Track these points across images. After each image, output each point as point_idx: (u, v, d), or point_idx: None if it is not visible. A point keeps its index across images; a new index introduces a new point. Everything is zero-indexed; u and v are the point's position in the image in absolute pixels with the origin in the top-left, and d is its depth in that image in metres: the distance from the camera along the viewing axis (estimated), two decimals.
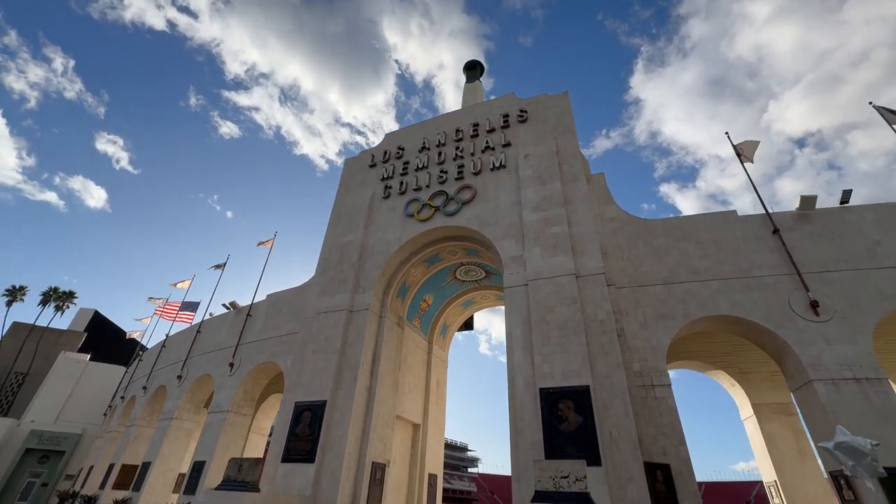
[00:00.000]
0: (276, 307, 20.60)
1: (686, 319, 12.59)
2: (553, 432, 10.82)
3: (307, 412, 14.31)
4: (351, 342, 15.67)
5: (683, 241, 13.96)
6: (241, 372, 19.35)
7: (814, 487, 13.09)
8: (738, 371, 15.46)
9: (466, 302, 22.00)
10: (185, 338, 25.14)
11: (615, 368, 11.42)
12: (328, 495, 12.64)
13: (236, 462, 11.65)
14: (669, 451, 10.91)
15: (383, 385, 15.59)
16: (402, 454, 17.30)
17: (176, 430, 20.96)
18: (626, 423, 10.60)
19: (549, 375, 11.70)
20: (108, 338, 53.27)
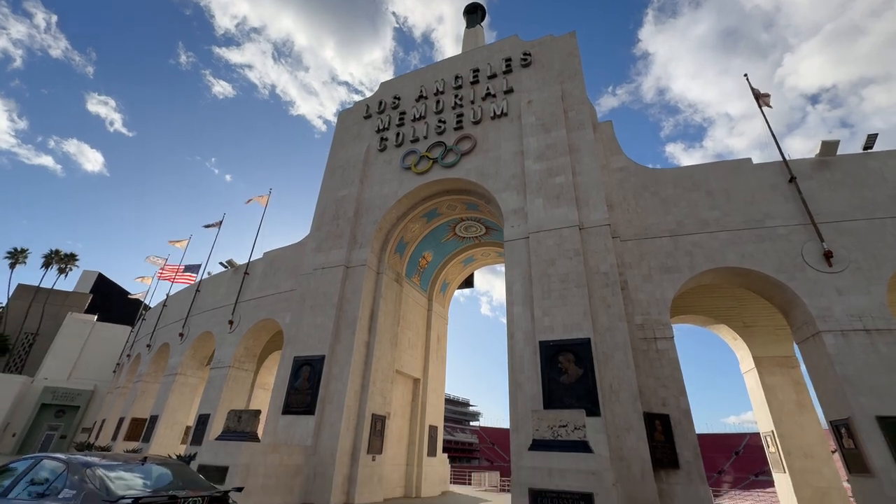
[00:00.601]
0: (273, 265, 20.31)
1: (692, 272, 12.17)
2: (552, 384, 10.69)
3: (306, 366, 14.30)
4: (348, 298, 15.44)
5: (693, 192, 13.29)
6: (241, 329, 19.35)
7: (810, 437, 13.20)
8: (741, 325, 15.26)
9: (467, 259, 21.64)
10: (186, 297, 25.13)
11: (617, 321, 11.13)
12: (328, 445, 12.81)
13: (235, 413, 11.68)
14: (669, 402, 10.81)
15: (382, 340, 15.51)
16: (403, 407, 17.55)
17: (181, 385, 21.33)
18: (627, 374, 10.44)
19: (549, 329, 11.45)
20: (113, 299, 53.88)
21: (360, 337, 14.68)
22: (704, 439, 68.70)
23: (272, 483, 11.12)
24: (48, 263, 50.77)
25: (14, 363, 45.15)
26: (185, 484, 4.10)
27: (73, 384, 38.53)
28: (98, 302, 53.91)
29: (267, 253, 21.13)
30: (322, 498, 12.06)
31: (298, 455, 12.25)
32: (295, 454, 12.16)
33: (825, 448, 13.14)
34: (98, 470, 3.72)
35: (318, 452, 12.83)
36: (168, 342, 23.92)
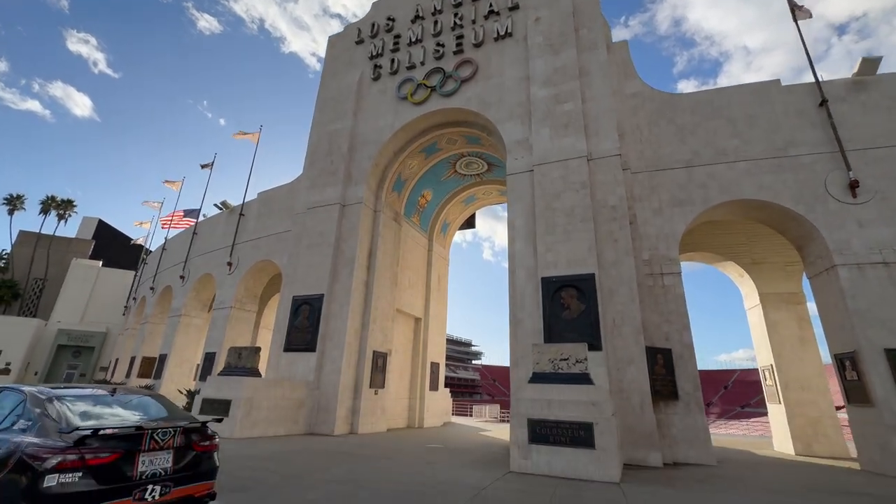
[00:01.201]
0: (268, 205, 19.70)
1: (705, 205, 11.51)
2: (553, 320, 10.49)
3: (305, 305, 14.19)
4: (345, 237, 14.98)
5: (712, 118, 12.26)
6: (240, 270, 19.18)
7: (809, 370, 13.27)
8: (749, 261, 14.84)
9: (468, 198, 20.90)
10: (184, 240, 24.82)
11: (624, 256, 10.68)
12: (330, 380, 13.00)
13: (236, 350, 11.69)
14: (672, 337, 10.66)
15: (381, 279, 15.28)
16: (404, 344, 17.77)
17: (186, 325, 21.63)
18: (631, 309, 10.17)
19: (552, 265, 11.05)
20: (115, 244, 53.93)
21: (358, 276, 14.42)
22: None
23: (276, 415, 11.36)
24: (46, 209, 50.32)
25: (27, 308, 46.21)
26: (158, 415, 3.83)
27: (86, 327, 39.64)
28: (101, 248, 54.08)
29: (261, 193, 20.44)
30: (326, 428, 12.43)
31: (301, 390, 12.45)
32: (297, 389, 12.36)
33: (822, 381, 13.24)
34: (58, 401, 3.41)
35: (321, 387, 13.06)
36: (170, 284, 24.00)
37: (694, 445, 9.71)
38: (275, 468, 6.65)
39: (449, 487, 5.85)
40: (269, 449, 8.71)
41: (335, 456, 8.23)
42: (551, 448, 7.11)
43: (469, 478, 6.68)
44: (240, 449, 8.50)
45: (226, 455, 7.60)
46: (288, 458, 7.61)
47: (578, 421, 7.07)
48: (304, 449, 8.95)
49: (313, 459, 7.67)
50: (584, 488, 6.10)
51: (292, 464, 7.12)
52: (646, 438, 9.11)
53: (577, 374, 7.69)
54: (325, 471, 6.61)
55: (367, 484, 5.85)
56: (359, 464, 7.43)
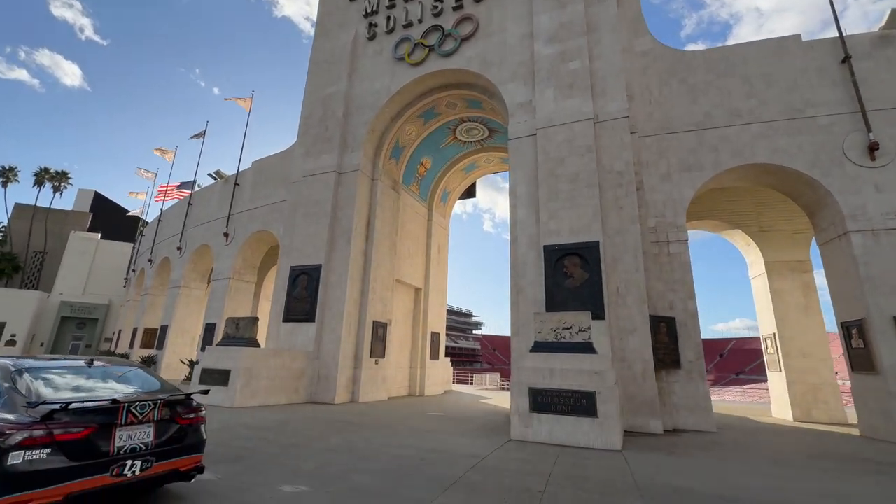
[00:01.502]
0: (263, 174, 19.20)
1: (716, 170, 11.05)
2: (555, 289, 10.26)
3: (303, 276, 13.98)
4: (342, 206, 14.58)
5: (727, 77, 11.60)
6: (237, 241, 18.90)
7: (812, 338, 13.18)
8: (757, 229, 14.49)
9: (468, 166, 20.30)
10: (180, 211, 24.44)
11: (629, 224, 10.32)
12: (330, 350, 12.95)
13: (233, 321, 11.55)
14: (676, 306, 10.47)
15: (380, 249, 14.99)
16: (405, 314, 17.70)
17: (185, 297, 21.56)
18: (636, 278, 9.92)
19: (555, 233, 10.71)
20: (112, 217, 53.45)
21: (356, 246, 14.12)
22: None
23: (276, 384, 11.35)
24: (40, 181, 49.59)
25: (29, 281, 46.29)
26: (139, 387, 3.62)
27: (88, 299, 39.84)
28: (98, 220, 53.67)
29: (255, 162, 19.88)
30: (327, 397, 12.47)
31: (301, 359, 12.41)
32: (297, 358, 12.31)
33: (824, 349, 13.17)
34: (28, 374, 3.18)
35: (321, 357, 13.02)
36: (168, 256, 23.80)
37: (694, 412, 9.69)
38: (273, 437, 6.57)
39: (448, 456, 5.76)
40: (269, 418, 8.69)
41: (334, 424, 8.19)
42: (553, 417, 7.02)
43: (469, 446, 6.61)
44: (239, 418, 8.47)
45: (224, 424, 7.59)
46: (286, 427, 7.56)
47: (581, 390, 6.94)
48: (304, 418, 8.93)
49: (312, 428, 7.62)
50: (587, 456, 6.02)
51: (290, 433, 7.06)
52: (647, 406, 9.07)
53: (579, 343, 7.51)
54: (324, 440, 6.53)
55: (365, 453, 5.76)
56: (358, 433, 7.37)
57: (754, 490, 4.65)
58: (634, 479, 4.84)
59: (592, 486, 4.52)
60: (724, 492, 4.52)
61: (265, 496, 3.76)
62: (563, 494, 4.15)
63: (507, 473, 4.89)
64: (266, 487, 4.00)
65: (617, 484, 4.63)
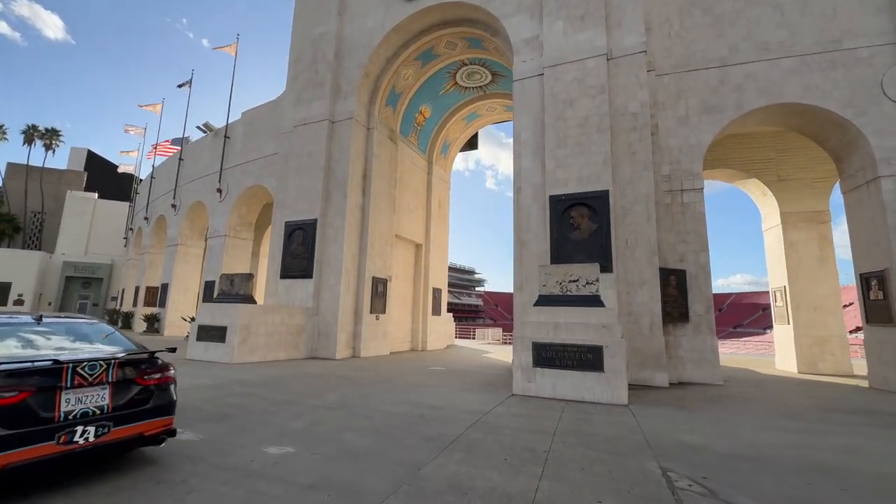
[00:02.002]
0: (253, 126, 18.23)
1: (738, 111, 10.17)
2: (561, 241, 9.75)
3: (298, 231, 13.50)
4: (336, 157, 13.81)
5: (757, 5, 10.41)
6: (231, 197, 18.29)
7: (824, 291, 12.81)
8: (775, 178, 13.71)
9: (469, 115, 19.18)
10: (171, 167, 23.60)
11: (642, 171, 9.62)
12: (329, 306, 12.72)
13: (228, 277, 11.22)
14: (688, 258, 10.00)
15: (378, 203, 14.38)
16: (406, 270, 17.38)
17: (183, 255, 21.28)
18: (647, 229, 9.37)
19: (561, 182, 10.04)
20: (107, 175, 52.41)
21: (352, 199, 13.51)
22: None
23: (275, 341, 11.20)
24: (30, 139, 48.27)
25: (31, 241, 46.22)
26: (96, 345, 3.22)
27: (91, 259, 39.89)
28: (93, 180, 52.75)
29: (245, 113, 18.83)
30: (328, 353, 12.38)
31: (299, 315, 12.21)
32: (296, 315, 12.10)
33: (836, 301, 12.83)
34: None
35: (320, 313, 12.82)
36: (164, 214, 23.27)
37: (701, 366, 9.49)
38: (265, 394, 6.36)
39: (448, 413, 5.52)
40: (266, 373, 8.53)
41: (332, 380, 8.01)
42: (557, 371, 6.74)
43: (470, 401, 6.39)
44: (235, 374, 8.31)
45: (218, 380, 7.40)
46: (281, 383, 7.37)
47: (587, 344, 6.61)
48: (302, 373, 8.78)
49: (308, 384, 7.43)
50: (592, 411, 5.78)
51: (285, 389, 6.85)
52: (653, 360, 8.83)
53: (586, 296, 7.10)
54: (318, 396, 6.31)
55: (361, 409, 5.52)
56: (355, 388, 7.18)
57: (770, 447, 4.37)
58: (644, 435, 4.57)
59: (600, 443, 4.25)
60: (740, 449, 4.24)
61: (246, 459, 3.48)
62: (569, 454, 3.86)
63: (508, 431, 4.62)
64: (249, 449, 3.72)
65: (626, 441, 4.35)
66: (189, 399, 5.58)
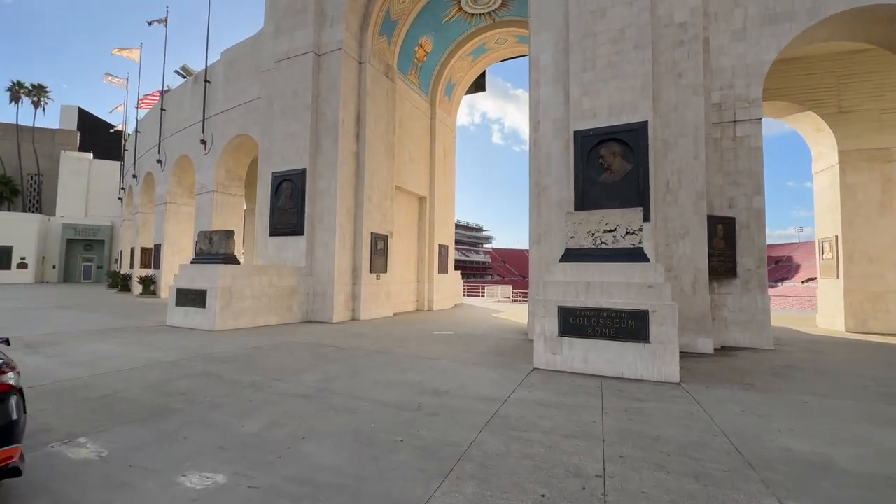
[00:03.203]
0: (234, 67, 16.26)
1: (812, 20, 8.17)
2: (588, 185, 8.20)
3: (286, 183, 12.04)
4: (325, 96, 12.05)
5: None
6: (216, 149, 16.69)
7: (883, 241, 11.25)
8: (835, 110, 11.74)
9: (476, 49, 16.93)
10: (154, 119, 21.84)
11: (691, 96, 7.87)
12: (324, 265, 11.50)
13: (206, 235, 9.95)
14: (738, 203, 8.43)
15: (374, 150, 12.75)
16: (409, 226, 16.00)
17: (174, 213, 20.06)
18: (694, 168, 7.77)
19: (589, 113, 8.34)
20: (101, 134, 50.48)
21: (344, 145, 11.90)
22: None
23: (263, 304, 10.09)
24: (16, 97, 46.18)
25: (30, 204, 45.36)
26: None
27: (91, 220, 39.10)
28: (87, 139, 51.01)
29: (225, 53, 16.79)
30: (325, 315, 11.32)
31: (290, 276, 11.03)
32: (286, 275, 10.92)
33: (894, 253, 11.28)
34: None
35: (314, 273, 11.64)
36: (151, 171, 21.83)
37: (748, 328, 8.19)
38: (230, 374, 5.22)
39: (455, 401, 4.33)
40: (246, 343, 7.44)
41: (320, 351, 6.89)
42: (589, 342, 5.48)
43: (482, 381, 5.20)
44: (210, 345, 7.22)
45: (184, 355, 6.19)
46: (257, 358, 6.23)
47: (628, 308, 5.29)
48: (288, 342, 7.68)
49: (289, 358, 6.30)
50: (639, 393, 4.56)
51: (257, 366, 5.71)
52: (695, 322, 7.55)
53: (627, 249, 5.69)
54: (295, 376, 5.16)
55: (342, 397, 4.35)
56: (344, 363, 6.03)
57: None
58: (729, 439, 3.31)
59: (674, 457, 2.99)
60: (880, 465, 2.92)
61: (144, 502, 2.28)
62: (636, 482, 2.61)
63: (538, 435, 3.38)
64: (160, 478, 2.53)
65: (709, 451, 3.09)
66: (129, 384, 4.46)
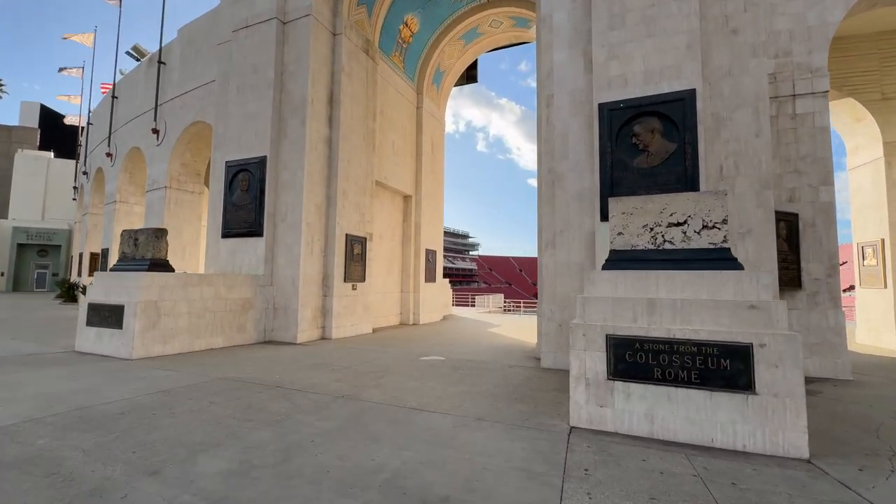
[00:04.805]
0: (193, 46, 14.20)
1: None
2: (619, 171, 6.43)
3: (243, 174, 10.00)
4: (291, 71, 10.10)
5: None
6: (170, 139, 14.53)
7: None
8: (878, 96, 10.36)
9: (468, 33, 15.23)
10: (106, 109, 19.50)
11: (749, 57, 6.19)
12: (287, 273, 9.46)
13: (130, 235, 7.83)
14: (801, 196, 6.79)
15: (351, 136, 10.82)
16: (392, 228, 14.06)
17: (125, 213, 17.69)
18: (756, 148, 6.07)
19: (618, 81, 6.60)
20: (64, 132, 47.24)
21: (314, 128, 9.94)
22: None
23: (205, 322, 7.99)
24: None
25: None
26: None
27: (48, 224, 36.00)
28: (49, 137, 47.80)
29: (182, 30, 14.72)
30: (287, 335, 9.26)
31: (244, 287, 8.95)
32: (239, 286, 8.84)
33: None
34: None
35: (276, 282, 9.58)
36: (101, 166, 19.43)
37: (818, 353, 6.50)
38: (73, 462, 3.18)
39: None
40: (153, 385, 5.37)
41: (253, 399, 4.87)
42: (657, 390, 3.63)
43: (503, 468, 3.28)
44: (97, 387, 5.14)
45: (34, 410, 3.80)
46: (151, 416, 4.16)
47: (719, 341, 3.47)
48: (212, 382, 5.62)
49: (200, 416, 4.24)
50: (756, 479, 2.73)
51: (139, 437, 3.67)
52: None
53: (706, 250, 3.89)
54: (190, 461, 3.12)
55: None
56: (282, 424, 4.02)
57: None
58: None
59: None
60: None
61: None
62: None
63: None
64: None
65: None
66: None
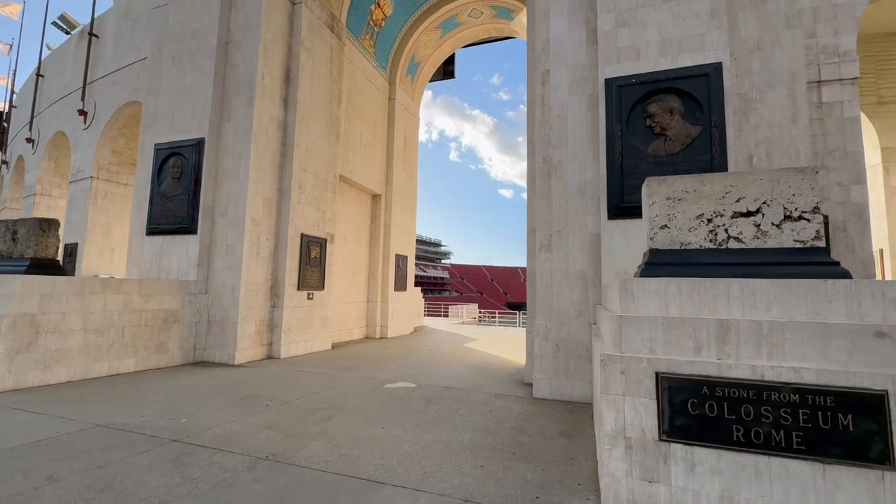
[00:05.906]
0: (130, 16, 12.35)
1: None
2: (631, 159, 5.33)
3: (175, 158, 8.32)
4: (238, 41, 8.56)
5: None
6: (99, 122, 12.53)
7: None
8: (874, 100, 9.97)
9: (446, 21, 14.11)
10: (31, 88, 17.05)
11: (781, 29, 5.27)
12: (226, 279, 7.82)
13: (8, 227, 6.04)
14: (831, 195, 5.91)
15: (311, 121, 9.34)
16: (358, 230, 12.57)
17: (46, 208, 15.31)
18: (792, 135, 5.12)
19: (629, 52, 5.53)
20: None
21: (264, 108, 8.42)
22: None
23: (111, 340, 6.26)
24: None
25: None
26: None
27: None
28: None
29: None
30: (223, 354, 7.60)
31: (168, 295, 7.25)
32: (160, 293, 7.14)
33: None
34: None
35: (211, 290, 7.92)
36: (22, 154, 16.92)
37: None
38: None
39: None
40: None
41: (130, 467, 3.35)
42: (739, 458, 2.40)
43: None
44: None
45: None
46: None
47: (834, 386, 2.29)
48: (94, 429, 4.03)
49: None
50: None
51: None
52: None
53: (793, 250, 2.74)
54: None
55: None
56: None
57: None
58: None
59: None
60: None
61: None
62: None
63: None
64: None
65: None
66: None
